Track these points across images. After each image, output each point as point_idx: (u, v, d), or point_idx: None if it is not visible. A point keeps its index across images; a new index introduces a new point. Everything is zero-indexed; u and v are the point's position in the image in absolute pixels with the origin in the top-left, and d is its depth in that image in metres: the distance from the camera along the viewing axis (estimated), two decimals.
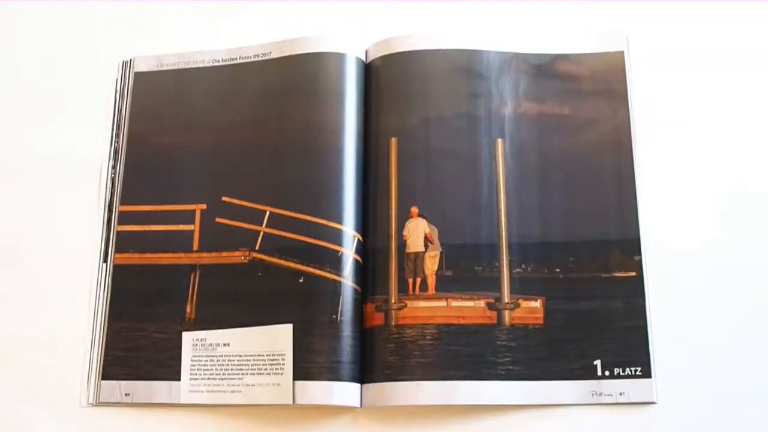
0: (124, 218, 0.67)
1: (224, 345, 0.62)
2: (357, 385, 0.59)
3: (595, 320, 0.59)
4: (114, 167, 0.68)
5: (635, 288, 0.60)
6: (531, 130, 0.65)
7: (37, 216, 0.67)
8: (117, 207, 0.67)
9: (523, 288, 0.61)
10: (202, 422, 0.60)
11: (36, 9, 0.74)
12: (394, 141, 0.65)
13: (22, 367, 0.63)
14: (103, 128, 0.69)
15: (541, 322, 0.60)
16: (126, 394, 0.61)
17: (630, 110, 0.64)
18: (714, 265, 0.60)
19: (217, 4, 0.73)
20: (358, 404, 0.59)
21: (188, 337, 0.62)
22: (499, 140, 0.64)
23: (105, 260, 0.65)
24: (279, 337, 0.60)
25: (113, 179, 0.68)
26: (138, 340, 0.63)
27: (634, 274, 0.60)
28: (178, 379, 0.61)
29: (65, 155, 0.69)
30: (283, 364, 0.60)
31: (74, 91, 0.71)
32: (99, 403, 0.61)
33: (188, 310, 0.63)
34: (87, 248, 0.66)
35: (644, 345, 0.58)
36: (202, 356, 0.62)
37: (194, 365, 0.61)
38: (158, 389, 0.61)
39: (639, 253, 0.61)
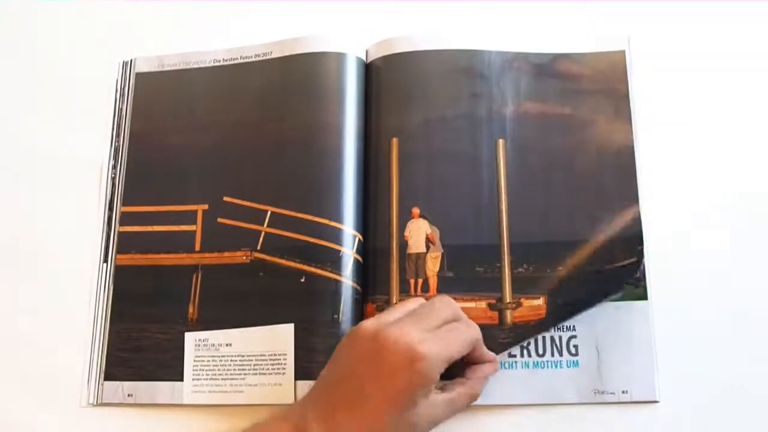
0: (126, 219, 0.67)
1: (226, 345, 0.62)
2: None
3: None
4: (115, 167, 0.68)
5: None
6: (532, 130, 0.65)
7: (37, 216, 0.67)
8: (118, 207, 0.67)
9: (524, 288, 0.61)
10: (205, 423, 0.60)
11: (36, 9, 0.74)
12: (395, 141, 0.65)
13: (23, 367, 0.63)
14: (104, 128, 0.69)
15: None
16: (129, 395, 0.61)
17: (631, 110, 0.64)
18: (716, 264, 0.61)
19: (218, 4, 0.73)
20: None
21: (191, 338, 0.62)
22: (501, 140, 0.64)
23: (106, 260, 0.65)
24: (281, 337, 0.60)
25: (114, 179, 0.68)
26: (140, 340, 0.63)
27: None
28: (181, 379, 0.61)
29: (66, 155, 0.68)
30: (285, 364, 0.60)
31: (75, 92, 0.71)
32: (101, 404, 0.61)
33: (191, 310, 0.63)
34: (88, 249, 0.66)
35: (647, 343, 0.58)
36: (204, 356, 0.62)
37: (197, 366, 0.61)
38: (161, 390, 0.61)
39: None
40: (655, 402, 0.57)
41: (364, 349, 0.50)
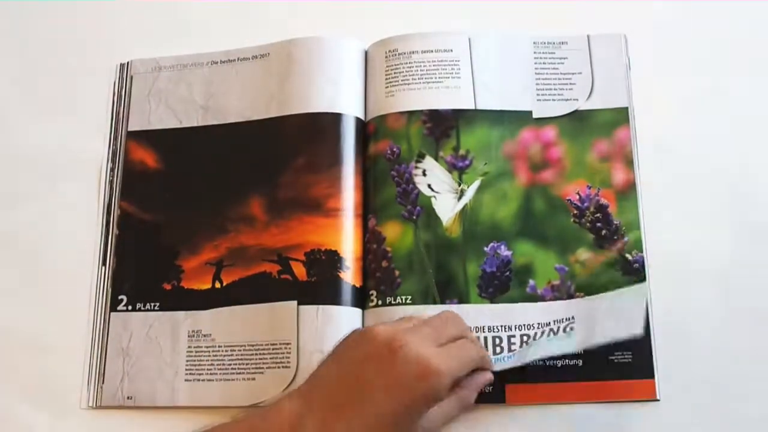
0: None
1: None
2: None
3: None
4: (113, 170, 0.68)
5: None
6: None
7: (35, 219, 0.67)
8: (116, 210, 0.67)
9: None
10: (205, 423, 0.59)
11: (34, 11, 0.74)
12: None
13: (21, 369, 0.63)
14: (102, 131, 0.69)
15: None
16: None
17: (630, 110, 0.64)
18: (717, 262, 0.61)
19: (215, 5, 0.73)
20: None
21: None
22: None
23: (104, 263, 0.65)
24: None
25: (111, 182, 0.67)
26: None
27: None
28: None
29: (63, 158, 0.68)
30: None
31: (73, 94, 0.71)
32: (100, 406, 0.61)
33: None
34: (86, 251, 0.65)
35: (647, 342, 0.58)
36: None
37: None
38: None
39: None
40: (656, 401, 0.57)
41: (376, 353, 0.49)
